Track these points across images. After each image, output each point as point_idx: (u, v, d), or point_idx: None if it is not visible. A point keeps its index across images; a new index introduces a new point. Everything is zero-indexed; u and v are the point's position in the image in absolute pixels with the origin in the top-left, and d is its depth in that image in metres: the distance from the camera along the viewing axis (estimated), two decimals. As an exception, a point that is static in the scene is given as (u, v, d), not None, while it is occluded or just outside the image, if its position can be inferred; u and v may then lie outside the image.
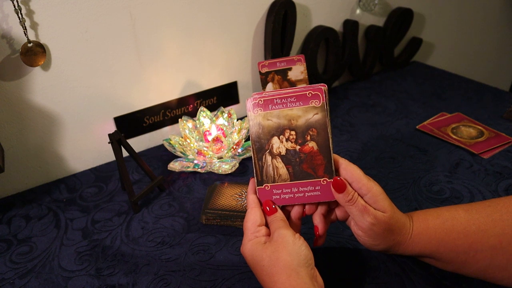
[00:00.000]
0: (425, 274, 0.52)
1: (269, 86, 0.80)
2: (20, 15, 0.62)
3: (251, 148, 0.49)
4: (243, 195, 0.66)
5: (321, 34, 0.94)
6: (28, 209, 0.70)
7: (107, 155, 0.81)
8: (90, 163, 0.80)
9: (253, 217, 0.47)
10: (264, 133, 0.48)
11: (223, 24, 0.83)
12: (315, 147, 0.47)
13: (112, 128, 0.80)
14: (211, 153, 0.75)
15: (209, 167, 0.75)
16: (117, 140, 0.65)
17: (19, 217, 0.68)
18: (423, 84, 1.06)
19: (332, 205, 0.50)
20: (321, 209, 0.50)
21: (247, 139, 0.82)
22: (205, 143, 0.78)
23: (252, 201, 0.49)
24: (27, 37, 0.64)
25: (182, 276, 0.54)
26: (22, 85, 0.68)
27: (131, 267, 0.56)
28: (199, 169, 0.74)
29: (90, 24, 0.69)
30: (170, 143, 0.78)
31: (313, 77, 0.97)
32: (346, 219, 0.50)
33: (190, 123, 0.79)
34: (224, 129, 0.79)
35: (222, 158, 0.77)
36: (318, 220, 0.50)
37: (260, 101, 0.48)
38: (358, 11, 1.02)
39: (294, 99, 0.47)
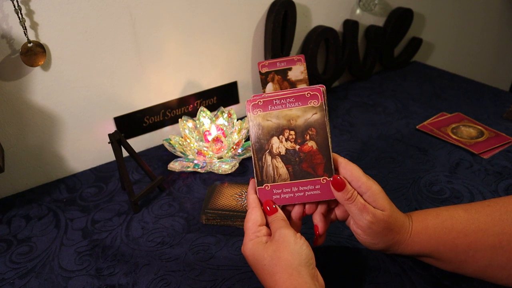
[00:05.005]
0: (425, 274, 0.52)
1: (269, 86, 0.80)
2: (20, 15, 0.62)
3: (251, 148, 0.49)
4: (243, 195, 0.66)
5: (321, 34, 0.94)
6: (28, 209, 0.70)
7: (107, 155, 0.81)
8: (90, 163, 0.80)
9: (254, 217, 0.47)
10: (263, 134, 0.48)
11: (223, 24, 0.83)
12: (315, 146, 0.47)
13: (112, 128, 0.80)
14: (211, 153, 0.75)
15: (209, 167, 0.75)
16: (117, 140, 0.65)
17: (19, 217, 0.68)
18: (423, 84, 1.06)
19: (331, 205, 0.50)
20: (321, 209, 0.50)
21: (247, 139, 0.82)
22: (205, 143, 0.78)
23: (252, 201, 0.49)
24: (27, 37, 0.64)
25: (182, 276, 0.54)
26: (22, 85, 0.68)
27: (131, 267, 0.56)
28: (199, 169, 0.75)
29: (90, 24, 0.69)
30: (170, 143, 0.78)
31: (313, 77, 0.97)
32: (346, 219, 0.50)
33: (190, 123, 0.79)
34: (224, 129, 0.79)
35: (222, 158, 0.77)
36: (318, 219, 0.50)
37: (259, 102, 0.48)
38: (358, 11, 1.02)
39: (293, 99, 0.47)
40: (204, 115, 0.80)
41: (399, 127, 0.86)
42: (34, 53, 0.65)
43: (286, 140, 0.48)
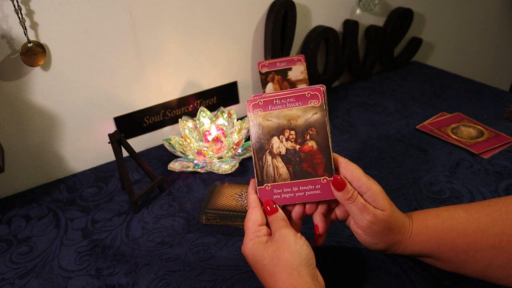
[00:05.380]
0: (425, 274, 0.52)
1: (269, 86, 0.80)
2: (20, 15, 0.62)
3: (251, 148, 0.49)
4: (243, 195, 0.66)
5: (321, 34, 0.94)
6: (28, 209, 0.70)
7: (107, 155, 0.81)
8: (90, 163, 0.80)
9: (254, 217, 0.47)
10: (264, 133, 0.48)
11: (223, 24, 0.83)
12: (315, 146, 0.47)
13: (112, 128, 0.80)
14: (211, 153, 0.75)
15: (209, 167, 0.75)
16: (117, 140, 0.65)
17: (19, 217, 0.68)
18: (423, 84, 1.06)
19: (332, 204, 0.50)
20: (321, 208, 0.50)
21: (247, 139, 0.82)
22: (205, 143, 0.78)
23: (253, 201, 0.49)
24: (27, 37, 0.64)
25: (182, 276, 0.54)
26: (22, 85, 0.68)
27: (131, 267, 0.56)
28: (199, 169, 0.74)
29: (90, 24, 0.69)
30: (170, 143, 0.78)
31: (313, 77, 0.97)
32: (346, 219, 0.50)
33: (190, 123, 0.79)
34: (224, 129, 0.79)
35: (222, 158, 0.77)
36: (318, 219, 0.50)
37: (260, 102, 0.48)
38: (358, 11, 1.02)
39: (293, 99, 0.47)
40: (204, 115, 0.80)
41: (399, 127, 0.86)
42: (34, 53, 0.65)
43: (287, 140, 0.48)
